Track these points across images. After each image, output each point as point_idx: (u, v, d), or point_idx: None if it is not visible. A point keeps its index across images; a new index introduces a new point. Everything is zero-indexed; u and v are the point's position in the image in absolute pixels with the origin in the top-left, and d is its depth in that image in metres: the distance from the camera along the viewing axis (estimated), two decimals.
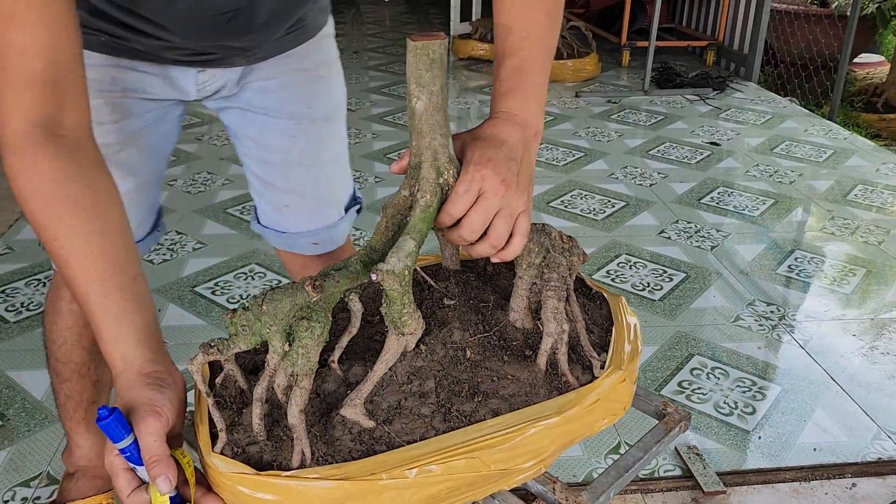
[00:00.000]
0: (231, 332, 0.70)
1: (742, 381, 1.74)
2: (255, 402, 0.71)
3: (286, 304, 0.71)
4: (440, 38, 0.72)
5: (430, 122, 0.77)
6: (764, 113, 3.84)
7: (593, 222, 2.55)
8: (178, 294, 2.04)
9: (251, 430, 0.73)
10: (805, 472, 1.48)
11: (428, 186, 0.78)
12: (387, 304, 0.73)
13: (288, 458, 0.70)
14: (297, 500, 0.68)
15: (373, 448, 0.71)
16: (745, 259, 2.32)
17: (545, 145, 3.31)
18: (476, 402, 0.76)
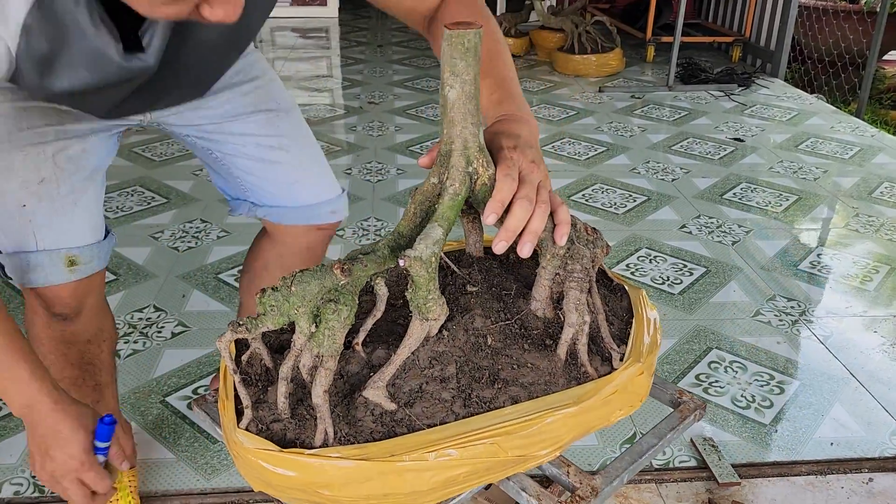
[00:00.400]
0: (259, 311, 0.72)
1: (760, 376, 1.74)
2: (280, 381, 0.73)
3: (314, 286, 0.73)
4: (476, 27, 0.73)
5: (463, 110, 0.78)
6: (790, 109, 3.80)
7: (614, 216, 2.55)
8: (202, 281, 2.08)
9: (275, 408, 0.75)
10: (821, 465, 1.48)
11: (457, 175, 0.79)
12: (412, 289, 0.75)
13: (311, 436, 0.72)
14: (319, 477, 0.70)
15: (394, 430, 0.73)
16: (767, 255, 2.31)
17: (567, 140, 3.31)
18: (496, 389, 0.78)
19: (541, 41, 4.75)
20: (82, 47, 0.81)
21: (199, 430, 1.54)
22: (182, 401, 1.61)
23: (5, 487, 1.39)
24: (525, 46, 4.86)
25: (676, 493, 1.40)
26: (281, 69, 4.57)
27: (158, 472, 1.43)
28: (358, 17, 6.42)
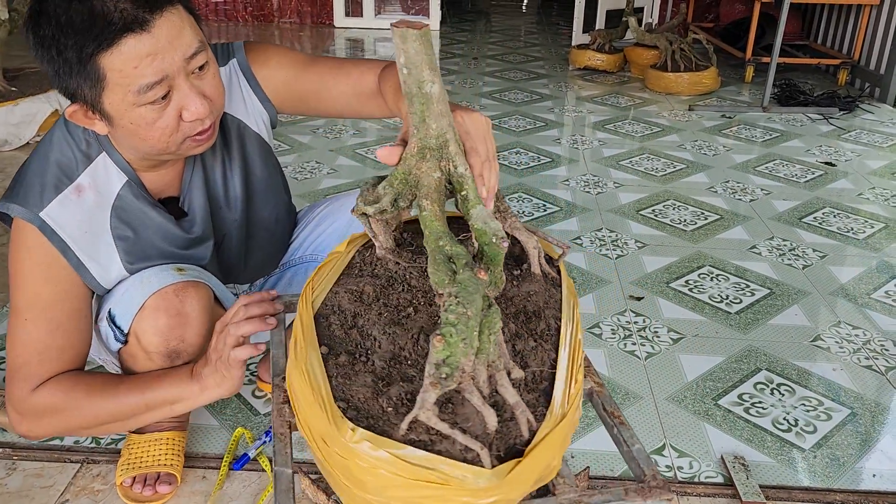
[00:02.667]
0: (444, 354, 0.70)
1: (808, 401, 1.68)
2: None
3: (478, 299, 0.73)
4: (423, 26, 0.79)
5: (443, 106, 0.84)
6: (892, 136, 3.61)
7: (681, 233, 2.51)
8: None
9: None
10: (857, 496, 1.42)
11: (461, 160, 0.86)
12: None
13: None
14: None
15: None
16: (840, 281, 2.21)
17: (647, 155, 3.27)
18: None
19: (635, 58, 4.71)
20: (150, 226, 1.21)
21: (244, 401, 1.64)
22: None
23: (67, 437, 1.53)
24: (619, 63, 4.83)
25: None
26: None
27: (203, 437, 1.54)
28: (459, 30, 6.55)
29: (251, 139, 1.31)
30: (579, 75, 4.83)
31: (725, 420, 1.61)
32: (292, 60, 1.29)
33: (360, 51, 5.64)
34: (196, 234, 1.27)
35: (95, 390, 1.19)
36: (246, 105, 1.29)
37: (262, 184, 1.35)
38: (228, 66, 1.27)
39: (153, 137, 1.06)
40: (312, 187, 2.83)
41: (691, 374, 1.77)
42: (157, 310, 1.17)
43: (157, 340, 1.18)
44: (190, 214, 1.27)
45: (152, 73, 0.99)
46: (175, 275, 1.21)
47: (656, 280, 2.19)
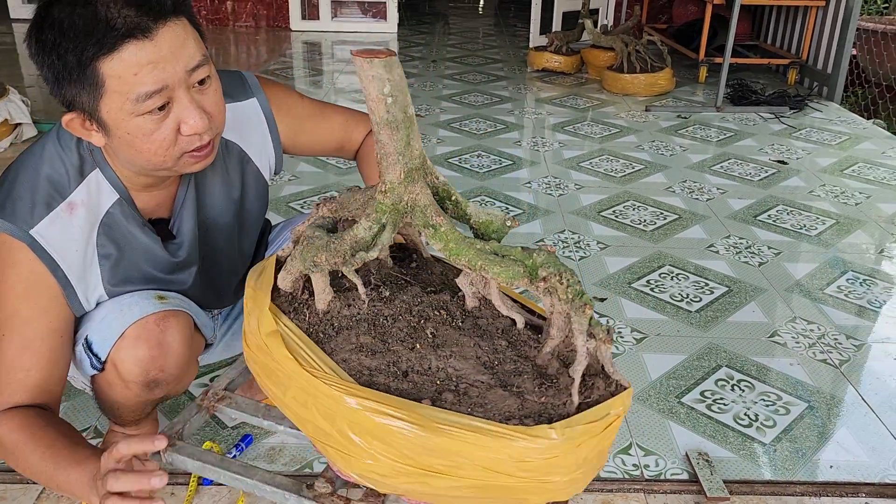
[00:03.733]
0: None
1: (767, 396, 1.73)
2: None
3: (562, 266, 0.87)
4: (390, 53, 0.78)
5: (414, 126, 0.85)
6: (841, 134, 3.72)
7: (641, 233, 2.56)
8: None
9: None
10: (816, 487, 1.47)
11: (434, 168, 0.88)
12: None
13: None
14: None
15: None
16: (794, 277, 2.28)
17: (606, 157, 3.32)
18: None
19: (592, 59, 4.77)
20: (136, 247, 1.19)
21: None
22: (197, 388, 1.71)
23: None
24: (576, 64, 4.89)
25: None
26: (337, 80, 4.71)
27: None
28: (417, 32, 6.56)
29: (252, 174, 1.31)
30: (538, 77, 4.88)
31: (689, 417, 1.65)
32: (310, 112, 1.36)
33: (317, 54, 5.62)
34: (182, 259, 1.25)
35: (31, 441, 1.10)
36: (258, 144, 1.30)
37: (252, 217, 1.35)
38: (248, 104, 1.27)
39: (149, 150, 1.03)
40: (274, 195, 2.82)
41: (655, 372, 1.80)
42: (137, 339, 1.15)
43: (137, 370, 1.16)
44: (178, 238, 1.25)
45: (152, 81, 0.97)
46: (156, 303, 1.18)
47: (619, 280, 2.23)
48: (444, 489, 0.78)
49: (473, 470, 0.76)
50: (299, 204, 2.74)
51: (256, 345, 0.90)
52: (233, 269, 1.39)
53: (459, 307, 0.94)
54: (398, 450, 0.76)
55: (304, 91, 4.43)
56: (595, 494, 1.43)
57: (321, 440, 0.84)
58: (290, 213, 2.67)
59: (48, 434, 1.10)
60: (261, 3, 6.47)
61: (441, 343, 0.87)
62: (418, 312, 0.90)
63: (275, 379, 0.88)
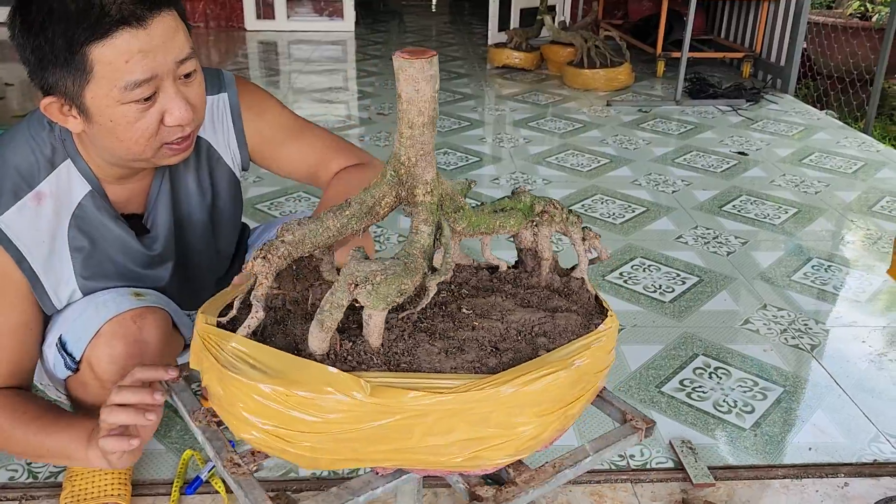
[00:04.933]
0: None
1: (744, 382, 1.76)
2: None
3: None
4: (429, 55, 0.76)
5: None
6: (797, 125, 3.81)
7: (612, 226, 2.58)
8: None
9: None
10: (798, 469, 1.50)
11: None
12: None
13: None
14: None
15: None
16: (762, 265, 2.33)
17: (571, 152, 3.35)
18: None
19: (551, 55, 4.81)
20: (109, 239, 1.16)
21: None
22: None
23: (1, 473, 1.44)
24: (536, 61, 4.92)
25: (651, 493, 1.43)
26: (295, 81, 4.66)
27: (150, 462, 1.48)
28: (374, 31, 6.53)
29: (223, 171, 1.27)
30: (498, 74, 4.89)
31: (670, 406, 1.67)
32: (286, 125, 1.30)
33: (273, 54, 5.54)
34: (157, 252, 1.22)
35: (12, 418, 1.10)
36: (225, 140, 1.26)
37: (226, 216, 1.32)
38: (218, 99, 1.24)
39: (130, 139, 1.02)
40: None
41: (634, 363, 1.82)
42: (113, 337, 1.11)
43: (113, 369, 1.12)
44: (153, 232, 1.22)
45: (142, 70, 0.96)
46: (133, 300, 1.15)
47: (592, 274, 2.25)
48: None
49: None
50: (266, 206, 2.70)
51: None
52: (211, 268, 1.36)
53: (447, 285, 0.97)
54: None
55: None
56: (584, 486, 1.44)
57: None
58: (257, 215, 2.63)
59: (31, 408, 1.11)
60: (214, 2, 6.36)
61: (481, 313, 0.91)
62: (439, 301, 0.92)
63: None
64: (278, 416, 0.74)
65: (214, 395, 0.82)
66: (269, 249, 0.81)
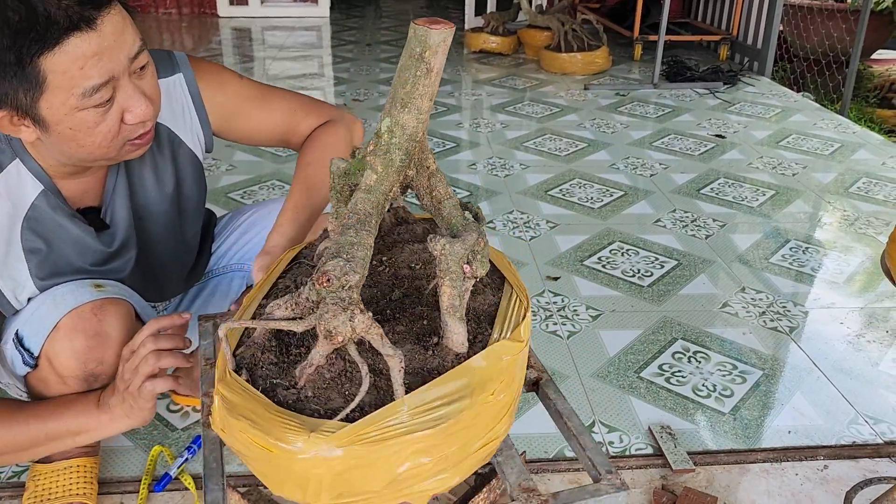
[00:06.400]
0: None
1: (723, 366, 1.74)
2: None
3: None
4: (447, 26, 0.72)
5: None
6: (774, 107, 3.81)
7: (589, 210, 2.56)
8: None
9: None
10: (777, 453, 1.48)
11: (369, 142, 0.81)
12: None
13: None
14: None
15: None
16: (740, 248, 2.31)
17: (549, 136, 3.32)
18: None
19: (528, 39, 4.76)
20: (66, 239, 1.11)
21: (158, 416, 1.55)
22: None
23: None
24: (513, 45, 4.87)
25: (630, 480, 1.41)
26: (269, 67, 4.58)
27: (117, 459, 1.43)
28: (349, 16, 6.44)
29: (185, 156, 1.23)
30: (475, 58, 4.84)
31: (649, 391, 1.65)
32: (248, 94, 1.25)
33: (247, 40, 5.45)
34: (115, 249, 1.18)
35: (7, 416, 1.09)
36: (185, 122, 1.22)
37: (192, 202, 1.28)
38: (173, 80, 1.19)
39: (93, 143, 0.98)
40: (211, 186, 2.71)
41: (612, 349, 1.80)
42: (73, 330, 1.07)
43: (74, 364, 1.08)
44: (111, 227, 1.17)
45: (99, 73, 0.92)
46: (93, 291, 1.11)
47: (570, 259, 2.22)
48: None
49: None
50: (239, 194, 2.65)
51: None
52: (176, 258, 1.31)
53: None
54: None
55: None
56: (562, 475, 1.42)
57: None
58: (229, 204, 2.57)
59: (15, 404, 1.12)
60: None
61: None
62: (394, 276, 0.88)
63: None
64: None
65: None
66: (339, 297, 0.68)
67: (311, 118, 1.29)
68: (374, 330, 0.66)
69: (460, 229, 0.77)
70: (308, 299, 0.69)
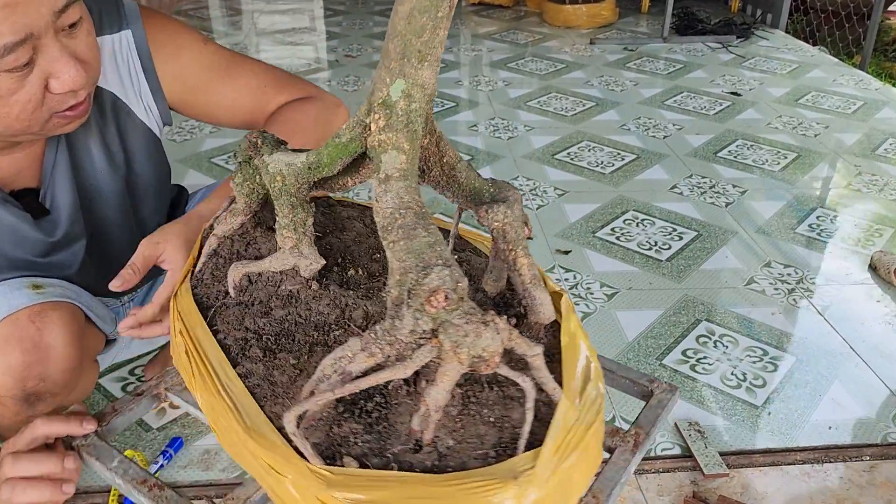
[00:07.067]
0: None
1: (752, 351, 1.59)
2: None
3: (244, 144, 0.69)
4: None
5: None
6: (790, 62, 3.60)
7: (600, 176, 2.38)
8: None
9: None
10: (818, 453, 1.34)
11: (352, 120, 0.63)
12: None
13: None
14: None
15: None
16: (763, 217, 2.15)
17: (554, 94, 3.12)
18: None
19: None
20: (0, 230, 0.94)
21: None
22: (116, 383, 1.47)
23: None
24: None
25: (658, 486, 1.27)
26: (258, 21, 4.34)
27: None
28: None
29: (136, 128, 1.03)
30: (474, 11, 4.60)
31: (674, 381, 1.50)
32: (211, 64, 1.03)
33: None
34: (59, 238, 1.00)
35: None
36: (134, 89, 1.02)
37: (146, 182, 1.08)
38: (119, 38, 0.99)
39: (10, 115, 0.81)
40: (194, 149, 2.52)
41: (631, 332, 1.65)
42: (7, 342, 0.90)
43: (10, 382, 0.91)
44: (53, 212, 0.99)
45: (12, 30, 0.73)
46: (30, 294, 0.93)
47: (581, 230, 2.06)
48: None
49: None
50: (223, 159, 2.46)
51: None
52: (132, 244, 1.12)
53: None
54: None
55: (222, 35, 4.05)
56: None
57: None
58: (213, 170, 2.39)
59: None
60: None
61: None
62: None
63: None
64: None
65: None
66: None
67: (284, 95, 1.08)
68: (514, 333, 0.55)
69: (494, 191, 0.66)
70: (415, 332, 0.53)
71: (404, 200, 0.56)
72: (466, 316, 0.52)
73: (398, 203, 0.55)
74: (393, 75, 0.58)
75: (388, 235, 0.55)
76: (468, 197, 0.68)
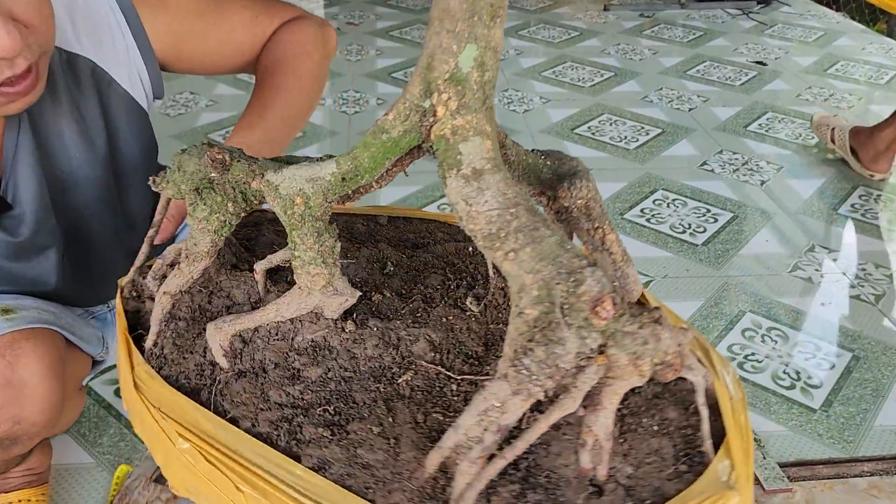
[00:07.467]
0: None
1: (804, 346, 1.46)
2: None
3: (192, 165, 0.55)
4: None
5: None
6: (815, 29, 3.43)
7: (625, 152, 2.23)
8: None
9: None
10: (888, 463, 1.21)
11: (402, 107, 0.49)
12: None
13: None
14: None
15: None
16: (801, 196, 2.00)
17: (570, 64, 2.95)
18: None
19: None
20: None
21: (126, 423, 1.26)
22: (109, 386, 1.33)
23: None
24: None
25: None
26: None
27: (75, 481, 1.15)
28: None
29: (121, 100, 0.88)
30: None
31: None
32: (198, 7, 0.90)
33: None
34: (25, 237, 0.84)
35: None
36: (118, 55, 0.86)
37: (133, 162, 0.93)
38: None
39: None
40: (189, 124, 2.36)
41: None
42: None
43: None
44: (17, 207, 0.83)
45: None
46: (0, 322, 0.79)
47: (609, 211, 1.91)
48: None
49: None
50: (220, 135, 2.30)
51: None
52: (116, 240, 0.97)
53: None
54: None
55: None
56: None
57: None
58: None
59: None
60: None
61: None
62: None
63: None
64: None
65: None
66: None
67: (275, 22, 0.97)
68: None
69: (553, 164, 0.56)
70: (580, 354, 0.42)
71: (510, 197, 0.43)
72: (635, 319, 0.42)
73: (504, 202, 0.43)
74: (461, 40, 0.44)
75: (505, 244, 0.43)
76: (522, 176, 0.56)
